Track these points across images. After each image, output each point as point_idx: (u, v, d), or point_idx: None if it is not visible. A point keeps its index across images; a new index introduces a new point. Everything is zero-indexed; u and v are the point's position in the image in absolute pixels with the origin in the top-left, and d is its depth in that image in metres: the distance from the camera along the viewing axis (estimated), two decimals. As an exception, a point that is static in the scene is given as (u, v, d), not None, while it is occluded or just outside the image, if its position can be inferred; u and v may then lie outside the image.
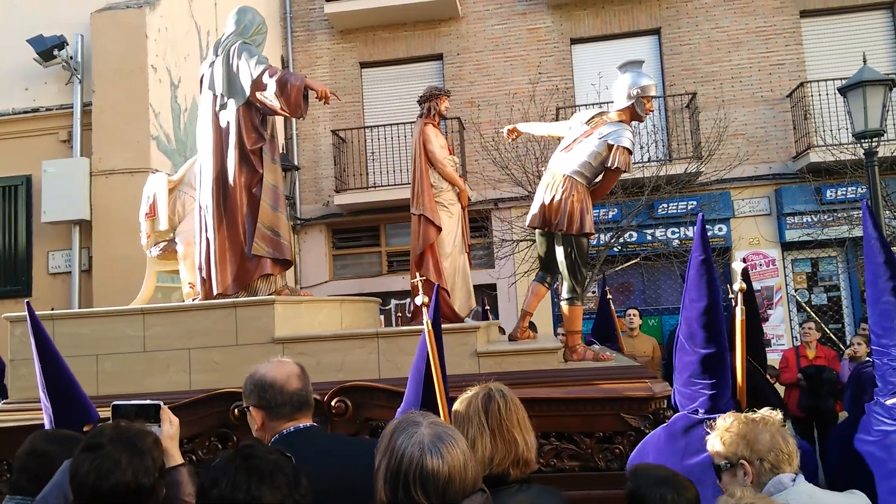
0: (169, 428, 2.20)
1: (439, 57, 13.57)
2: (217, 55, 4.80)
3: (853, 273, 12.04)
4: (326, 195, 13.51)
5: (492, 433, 2.13)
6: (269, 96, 4.51)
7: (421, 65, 13.77)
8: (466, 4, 13.45)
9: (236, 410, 3.62)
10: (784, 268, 12.35)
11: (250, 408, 2.24)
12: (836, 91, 9.17)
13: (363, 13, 13.21)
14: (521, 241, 11.33)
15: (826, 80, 11.66)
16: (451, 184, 5.38)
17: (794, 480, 2.03)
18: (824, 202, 11.94)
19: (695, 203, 12.26)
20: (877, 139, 8.20)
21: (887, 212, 9.99)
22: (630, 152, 4.52)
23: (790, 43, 12.54)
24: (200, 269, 4.71)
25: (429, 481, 1.57)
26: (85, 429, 2.90)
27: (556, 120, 12.44)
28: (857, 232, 11.17)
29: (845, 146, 10.68)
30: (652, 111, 4.65)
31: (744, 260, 12.16)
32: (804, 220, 12.12)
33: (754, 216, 12.37)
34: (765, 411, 2.21)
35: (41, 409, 3.11)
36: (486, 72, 13.29)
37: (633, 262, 11.11)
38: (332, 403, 3.65)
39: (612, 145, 4.46)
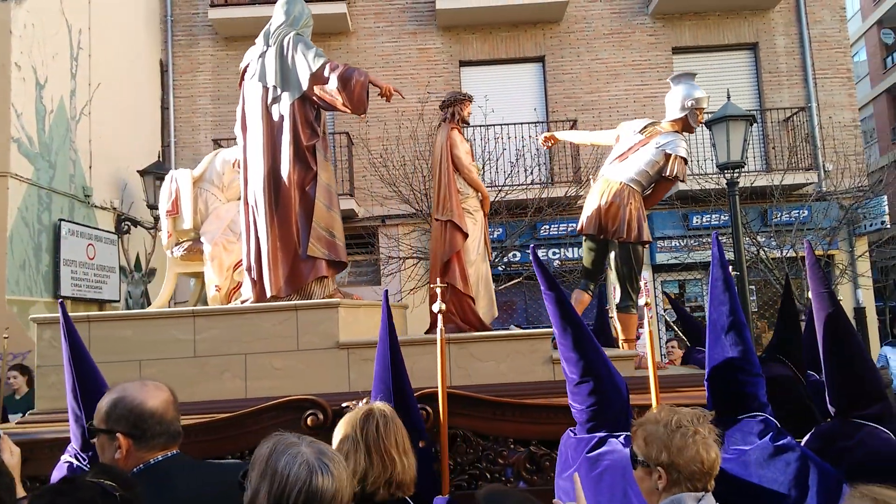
0: (10, 458, 1.97)
1: (328, 70, 13.37)
2: (268, 45, 4.52)
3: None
4: (205, 206, 12.94)
5: (367, 450, 2.11)
6: (331, 91, 4.28)
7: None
8: (357, 20, 13.38)
9: (310, 419, 3.40)
10: (654, 289, 13.01)
11: (117, 434, 2.02)
12: (703, 124, 9.80)
13: (249, 21, 12.83)
14: (408, 258, 11.31)
15: (694, 114, 12.44)
16: (476, 190, 5.28)
17: (699, 501, 1.97)
18: (691, 228, 12.72)
19: (574, 225, 12.68)
20: (738, 170, 8.81)
21: (746, 238, 10.75)
22: (686, 162, 4.59)
23: (663, 77, 13.30)
24: (250, 270, 4.42)
25: (315, 500, 1.55)
26: None
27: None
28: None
29: (710, 176, 11.43)
30: (703, 123, 4.67)
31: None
32: (672, 244, 12.84)
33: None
34: (692, 413, 2.13)
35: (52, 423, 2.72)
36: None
37: (516, 281, 11.34)
38: (425, 410, 3.44)
39: (670, 154, 4.56)
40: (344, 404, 2.50)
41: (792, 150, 12.50)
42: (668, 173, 4.58)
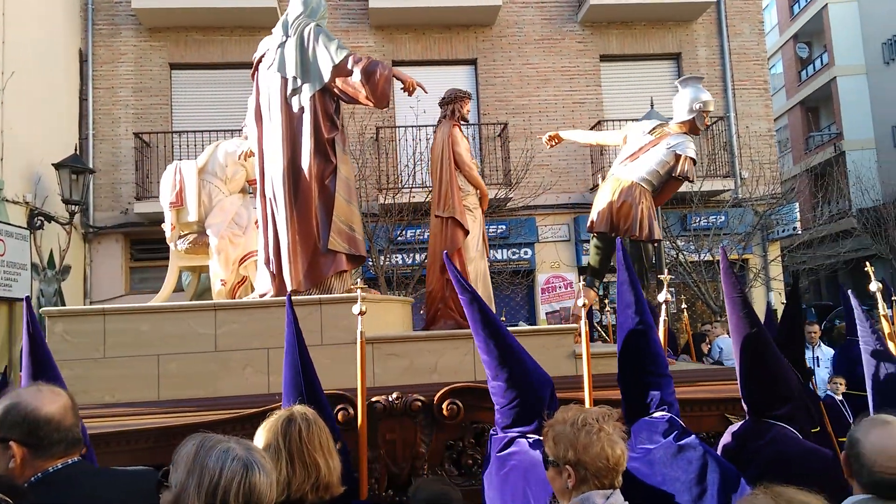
0: None
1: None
2: (287, 36, 4.37)
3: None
4: (125, 202, 12.49)
5: (290, 458, 2.06)
6: (354, 83, 4.20)
7: (236, 71, 13.23)
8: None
9: (339, 414, 3.31)
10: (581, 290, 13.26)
11: (10, 442, 1.90)
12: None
13: (175, 12, 12.47)
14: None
15: (620, 120, 12.78)
16: (476, 187, 5.29)
17: (607, 498, 1.99)
18: (616, 231, 13.03)
19: (504, 227, 12.85)
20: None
21: (667, 242, 11.10)
22: (695, 162, 4.70)
23: (591, 83, 13.62)
24: (268, 263, 4.31)
25: (252, 496, 1.54)
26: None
27: (376, 138, 12.53)
28: (643, 259, 12.31)
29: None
30: (708, 125, 4.72)
31: (546, 282, 12.94)
32: (599, 246, 13.14)
33: (555, 241, 13.22)
34: (599, 411, 2.13)
35: (84, 419, 2.53)
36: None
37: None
38: (444, 406, 3.38)
39: (680, 155, 4.69)
40: (269, 410, 2.46)
41: (711, 158, 12.99)
42: (677, 173, 4.76)
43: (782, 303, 12.05)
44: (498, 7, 12.99)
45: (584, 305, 3.12)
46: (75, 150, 11.58)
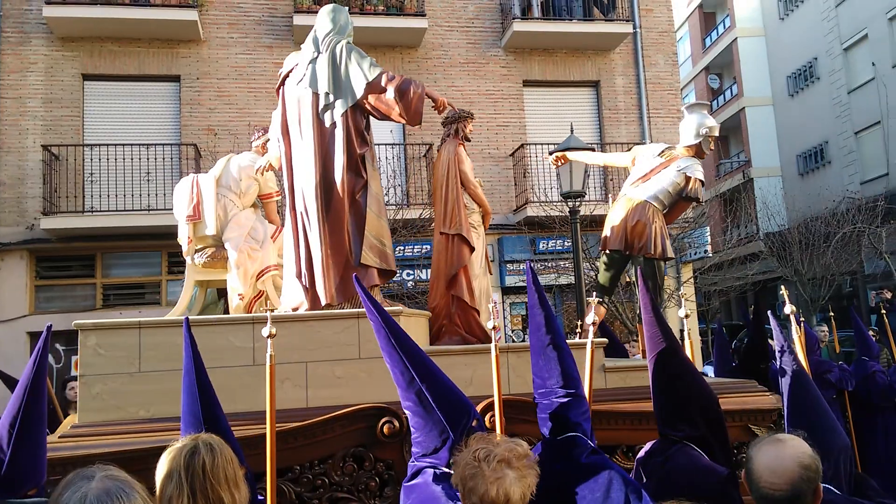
0: None
1: (176, 78, 12.81)
2: (319, 52, 4.39)
3: (559, 316, 13.47)
4: (31, 217, 11.88)
5: (192, 493, 1.94)
6: (387, 101, 4.22)
7: (155, 84, 12.89)
8: (209, 29, 12.91)
9: (385, 427, 3.30)
10: (504, 310, 13.43)
11: None
12: (549, 155, 10.32)
13: (89, 21, 12.03)
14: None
15: (542, 144, 13.08)
16: (479, 205, 5.42)
17: None
18: (537, 252, 13.30)
19: (428, 247, 12.87)
20: (579, 199, 9.32)
21: (586, 263, 11.37)
22: (703, 184, 4.90)
23: (514, 107, 13.88)
24: (300, 276, 4.31)
25: None
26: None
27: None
28: (563, 280, 12.58)
29: (555, 204, 12.02)
30: (713, 150, 5.07)
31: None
32: (521, 267, 13.35)
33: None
34: (507, 448, 2.03)
35: (118, 434, 2.53)
36: (228, 100, 12.82)
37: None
38: (486, 419, 3.31)
39: (690, 177, 4.95)
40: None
41: (628, 182, 13.41)
42: (686, 193, 5.01)
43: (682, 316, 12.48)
44: (424, 30, 13.13)
45: (593, 323, 3.19)
46: (-23, 161, 10.98)
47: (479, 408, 3.42)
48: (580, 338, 5.59)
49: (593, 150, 9.77)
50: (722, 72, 27.67)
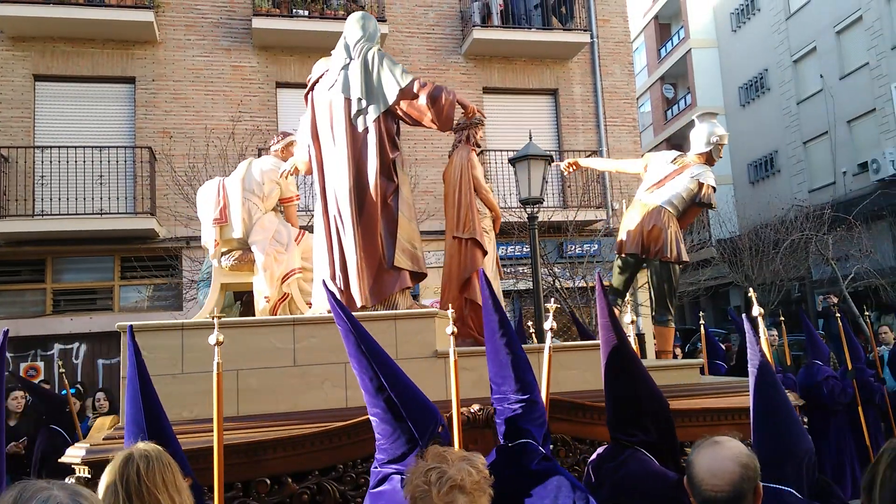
0: None
1: (131, 80, 12.60)
2: (351, 58, 4.49)
3: (518, 320, 13.56)
4: (-22, 220, 11.56)
5: (128, 498, 1.96)
6: (419, 107, 4.32)
7: (110, 86, 12.65)
8: (165, 30, 12.73)
9: (439, 428, 3.14)
10: (463, 316, 13.49)
11: None
12: (508, 161, 10.43)
13: (41, 21, 11.76)
14: (213, 282, 10.82)
15: (501, 150, 13.19)
16: (491, 210, 5.51)
17: None
18: (497, 258, 13.37)
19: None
20: (537, 206, 9.42)
21: (544, 269, 11.50)
22: (714, 190, 5.13)
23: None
24: (334, 279, 4.38)
25: None
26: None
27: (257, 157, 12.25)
28: (522, 286, 12.69)
29: (513, 210, 12.13)
30: (721, 157, 5.33)
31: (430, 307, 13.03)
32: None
33: (438, 267, 13.34)
34: (460, 468, 1.97)
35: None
36: (184, 102, 12.65)
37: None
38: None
39: (703, 184, 5.15)
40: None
41: (585, 190, 13.63)
42: (700, 199, 5.20)
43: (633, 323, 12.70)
44: (385, 35, 13.13)
45: (551, 328, 3.20)
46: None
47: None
48: (534, 342, 5.70)
49: (552, 157, 9.89)
50: (677, 82, 28.26)
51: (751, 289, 4.21)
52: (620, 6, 15.51)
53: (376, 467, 2.60)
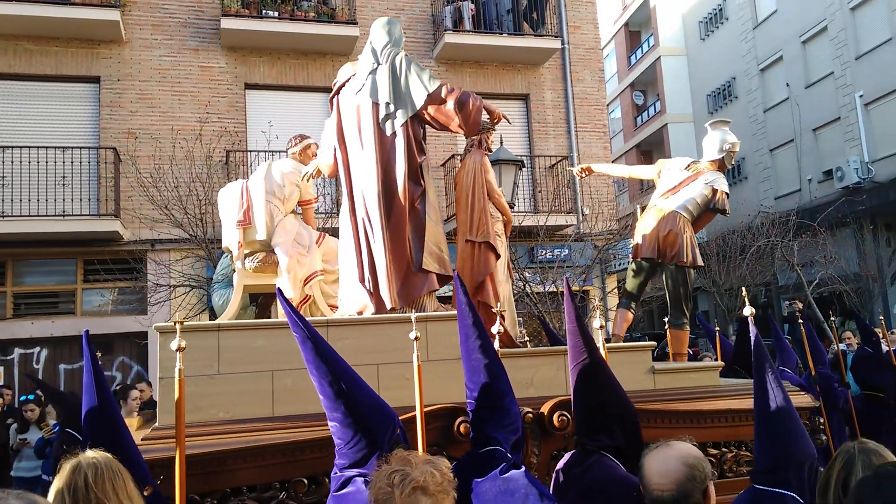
0: None
1: (96, 80, 12.37)
2: (378, 63, 4.51)
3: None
4: (-65, 222, 11.26)
5: None
6: (446, 112, 4.37)
7: (74, 85, 12.42)
8: (132, 30, 12.53)
9: (462, 426, 3.40)
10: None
11: None
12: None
13: (3, 19, 11.51)
14: (179, 286, 10.65)
15: (472, 155, 13.18)
16: (503, 213, 5.54)
17: None
18: (468, 262, 13.36)
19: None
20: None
21: (515, 273, 11.51)
22: (728, 196, 5.36)
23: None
24: (363, 281, 4.41)
25: None
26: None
27: (226, 161, 12.15)
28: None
29: (485, 214, 12.13)
30: (733, 164, 5.33)
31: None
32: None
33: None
34: (424, 472, 1.94)
35: (197, 436, 2.64)
36: (150, 103, 12.46)
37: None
38: (555, 417, 3.56)
39: (717, 190, 5.29)
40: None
41: (555, 195, 13.69)
42: (714, 205, 5.33)
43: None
44: (356, 38, 13.07)
45: (498, 332, 3.31)
46: None
47: (552, 404, 3.59)
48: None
49: (523, 162, 9.92)
50: (646, 89, 28.60)
51: (743, 288, 4.25)
52: (591, 13, 15.64)
53: (336, 472, 2.61)
